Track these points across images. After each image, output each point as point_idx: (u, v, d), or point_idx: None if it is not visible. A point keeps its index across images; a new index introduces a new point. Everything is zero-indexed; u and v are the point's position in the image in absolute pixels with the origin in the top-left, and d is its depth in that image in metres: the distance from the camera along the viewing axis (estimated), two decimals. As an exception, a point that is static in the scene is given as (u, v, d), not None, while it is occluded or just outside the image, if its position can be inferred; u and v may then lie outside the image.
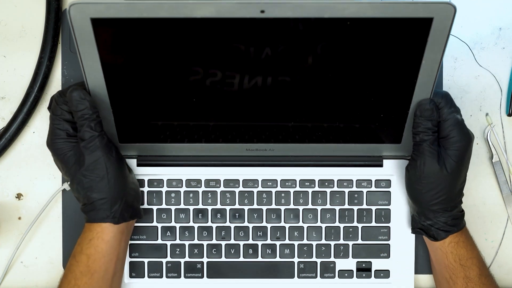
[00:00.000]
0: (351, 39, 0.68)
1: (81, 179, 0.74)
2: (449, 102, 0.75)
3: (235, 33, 0.67)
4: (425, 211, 0.78)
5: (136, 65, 0.71)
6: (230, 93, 0.74)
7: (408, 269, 0.85)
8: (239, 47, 0.69)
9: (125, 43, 0.69)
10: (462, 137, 0.74)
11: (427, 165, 0.75)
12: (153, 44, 0.69)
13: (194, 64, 0.71)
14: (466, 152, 0.75)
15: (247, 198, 0.84)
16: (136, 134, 0.79)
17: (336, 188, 0.84)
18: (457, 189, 0.77)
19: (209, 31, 0.67)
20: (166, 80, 0.73)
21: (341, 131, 0.79)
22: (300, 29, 0.67)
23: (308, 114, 0.77)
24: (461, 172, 0.76)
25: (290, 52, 0.69)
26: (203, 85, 0.73)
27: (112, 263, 0.76)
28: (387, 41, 0.69)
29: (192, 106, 0.75)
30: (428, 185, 0.76)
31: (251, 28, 0.66)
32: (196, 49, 0.69)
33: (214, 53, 0.70)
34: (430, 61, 0.70)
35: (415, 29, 0.67)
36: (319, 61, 0.70)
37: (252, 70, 0.72)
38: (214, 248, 0.84)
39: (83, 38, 0.68)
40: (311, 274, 0.85)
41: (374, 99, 0.75)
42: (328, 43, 0.69)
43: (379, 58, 0.71)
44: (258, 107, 0.76)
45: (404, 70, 0.72)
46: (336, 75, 0.72)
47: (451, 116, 0.74)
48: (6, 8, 0.86)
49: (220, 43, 0.69)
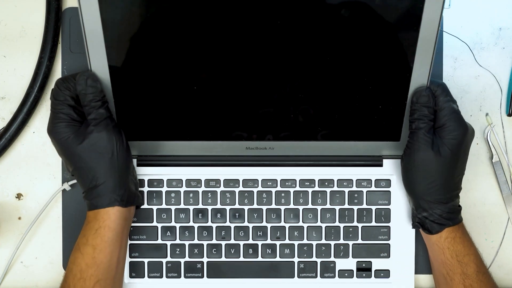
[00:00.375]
0: (349, 28, 0.69)
1: (86, 159, 0.74)
2: (445, 91, 0.75)
3: (235, 18, 0.68)
4: (421, 202, 0.78)
5: (140, 61, 0.73)
6: (230, 87, 0.74)
7: (408, 268, 0.85)
8: (240, 42, 0.70)
9: (130, 32, 0.70)
10: (458, 126, 0.74)
11: (422, 152, 0.75)
12: (155, 32, 0.70)
13: (196, 62, 0.72)
14: (463, 142, 0.75)
15: (247, 198, 0.84)
16: (137, 130, 0.79)
17: (336, 188, 0.84)
18: (453, 181, 0.77)
19: (212, 20, 0.68)
20: (167, 71, 0.74)
21: (340, 127, 0.79)
22: (298, 16, 0.67)
23: (307, 109, 0.77)
24: (457, 162, 0.76)
25: (288, 45, 0.70)
26: (204, 79, 0.73)
27: (116, 252, 0.76)
28: (382, 24, 0.69)
29: (193, 101, 0.76)
30: (422, 173, 0.76)
31: (251, 13, 0.67)
32: (199, 45, 0.70)
33: (217, 49, 0.71)
34: (425, 42, 0.71)
35: (410, 8, 0.68)
36: (318, 55, 0.71)
37: (251, 67, 0.73)
38: (214, 248, 0.84)
39: (89, 20, 0.69)
40: (311, 274, 0.85)
41: (371, 90, 0.75)
42: (327, 33, 0.70)
43: (375, 45, 0.71)
44: (258, 105, 0.76)
45: (400, 54, 0.72)
46: (334, 67, 0.73)
47: (447, 105, 0.74)
48: (6, 8, 0.86)
49: (223, 37, 0.70)
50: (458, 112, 0.75)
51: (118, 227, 0.75)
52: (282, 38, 0.70)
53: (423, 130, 0.74)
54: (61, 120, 0.73)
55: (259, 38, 0.70)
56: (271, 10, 0.68)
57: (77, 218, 0.86)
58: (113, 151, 0.74)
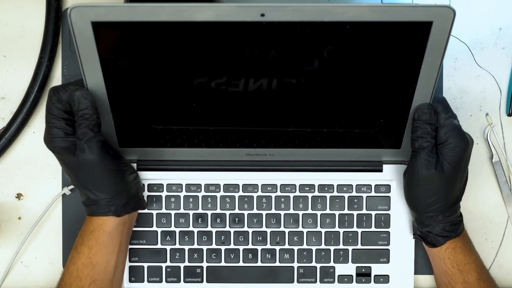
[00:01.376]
0: (351, 44, 0.68)
1: (79, 178, 0.74)
2: (446, 107, 0.74)
3: (235, 37, 0.67)
4: (423, 218, 0.78)
5: (136, 69, 0.71)
6: (229, 98, 0.74)
7: (408, 274, 0.85)
8: (239, 52, 0.69)
9: (125, 47, 0.69)
10: (460, 143, 0.74)
11: (425, 172, 0.75)
12: (154, 48, 0.69)
13: (193, 69, 0.71)
14: (463, 157, 0.75)
15: (247, 202, 0.84)
16: (136, 138, 0.79)
17: (336, 193, 0.84)
18: (455, 195, 0.77)
19: (209, 35, 0.67)
20: (166, 84, 0.73)
21: (341, 136, 0.78)
22: (299, 34, 0.67)
23: (307, 119, 0.76)
24: (458, 177, 0.76)
25: (290, 57, 0.69)
26: (202, 90, 0.73)
27: (114, 255, 0.76)
28: (386, 45, 0.68)
29: (192, 111, 0.75)
30: (425, 192, 0.76)
31: (251, 32, 0.66)
32: (196, 54, 0.69)
33: (214, 58, 0.69)
34: (430, 65, 0.70)
35: (415, 33, 0.67)
36: (319, 66, 0.70)
37: (252, 75, 0.72)
38: (213, 252, 0.84)
39: (83, 41, 0.67)
40: (310, 279, 0.85)
41: (373, 103, 0.75)
42: (328, 48, 0.69)
43: (379, 62, 0.70)
44: (258, 112, 0.76)
45: (403, 75, 0.71)
46: (336, 79, 0.72)
47: (448, 122, 0.74)
48: (6, 8, 0.86)
49: (220, 48, 0.68)
50: (459, 127, 0.74)
51: (114, 232, 0.76)
52: (284, 50, 0.69)
53: (427, 150, 0.74)
54: (56, 135, 0.73)
55: (260, 48, 0.69)
56: (274, 30, 0.67)
57: (77, 218, 0.86)
58: (102, 172, 0.74)
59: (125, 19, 0.65)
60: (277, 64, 0.70)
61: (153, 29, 0.66)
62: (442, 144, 0.74)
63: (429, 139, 0.74)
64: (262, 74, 0.72)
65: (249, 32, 0.66)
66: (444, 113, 0.74)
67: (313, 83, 0.72)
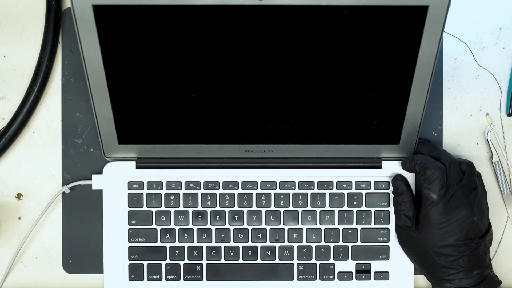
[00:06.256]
0: (348, 31, 0.69)
1: None
2: (427, 161, 0.78)
3: (233, 23, 0.68)
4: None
5: (137, 55, 0.72)
6: (229, 92, 0.74)
7: (408, 270, 0.85)
8: (237, 39, 0.69)
9: (126, 31, 0.69)
10: (434, 171, 0.77)
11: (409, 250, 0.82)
12: (154, 33, 0.69)
13: (194, 57, 0.71)
14: (443, 178, 0.77)
15: (246, 200, 0.84)
16: (136, 133, 0.79)
17: (335, 190, 0.84)
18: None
19: (208, 21, 0.67)
20: (166, 71, 0.73)
21: (339, 130, 0.79)
22: (297, 19, 0.67)
23: (306, 112, 0.77)
24: (454, 205, 0.77)
25: (288, 45, 0.70)
26: (203, 81, 0.73)
27: None
28: (383, 32, 0.69)
29: (191, 102, 0.76)
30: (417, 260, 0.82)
31: (249, 17, 0.67)
32: (194, 39, 0.70)
33: (215, 45, 0.70)
34: (427, 53, 0.70)
35: (411, 18, 0.67)
36: (316, 56, 0.71)
37: (250, 69, 0.72)
38: (213, 250, 0.84)
39: (84, 25, 0.68)
40: (310, 276, 0.85)
41: (371, 93, 0.75)
42: (325, 35, 0.69)
43: (376, 51, 0.71)
44: (257, 107, 0.76)
45: (401, 62, 0.72)
46: (334, 68, 0.72)
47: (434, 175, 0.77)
48: (6, 8, 0.86)
49: (219, 34, 0.69)
50: (442, 172, 0.77)
51: None
52: (282, 44, 0.69)
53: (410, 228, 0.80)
54: None
55: (258, 42, 0.69)
56: (272, 14, 0.67)
57: (77, 218, 0.86)
58: None
59: (126, 3, 0.65)
60: (276, 53, 0.70)
61: (154, 13, 0.67)
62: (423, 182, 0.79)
63: (411, 213, 0.80)
64: (261, 70, 0.72)
65: (247, 17, 0.67)
66: (430, 169, 0.78)
67: (311, 72, 0.73)
